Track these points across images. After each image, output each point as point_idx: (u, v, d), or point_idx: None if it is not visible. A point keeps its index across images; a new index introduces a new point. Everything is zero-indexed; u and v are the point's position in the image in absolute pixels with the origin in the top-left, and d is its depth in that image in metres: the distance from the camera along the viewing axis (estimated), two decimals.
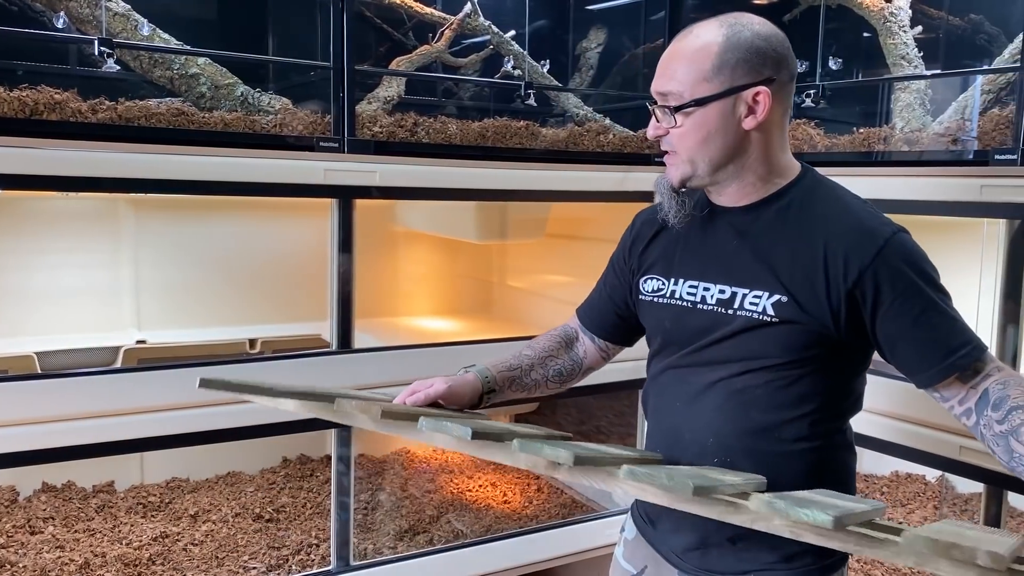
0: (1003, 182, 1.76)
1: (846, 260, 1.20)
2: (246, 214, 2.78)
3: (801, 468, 1.26)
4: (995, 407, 1.14)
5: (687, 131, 1.24)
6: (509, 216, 2.77)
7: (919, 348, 1.20)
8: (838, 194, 1.29)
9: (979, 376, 1.18)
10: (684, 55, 1.24)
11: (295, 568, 2.20)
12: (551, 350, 1.56)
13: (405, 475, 2.82)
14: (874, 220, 1.23)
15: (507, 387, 1.49)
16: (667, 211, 1.33)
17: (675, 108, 1.24)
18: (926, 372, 1.20)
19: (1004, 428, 1.12)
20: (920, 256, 1.22)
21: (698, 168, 1.26)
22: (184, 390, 1.97)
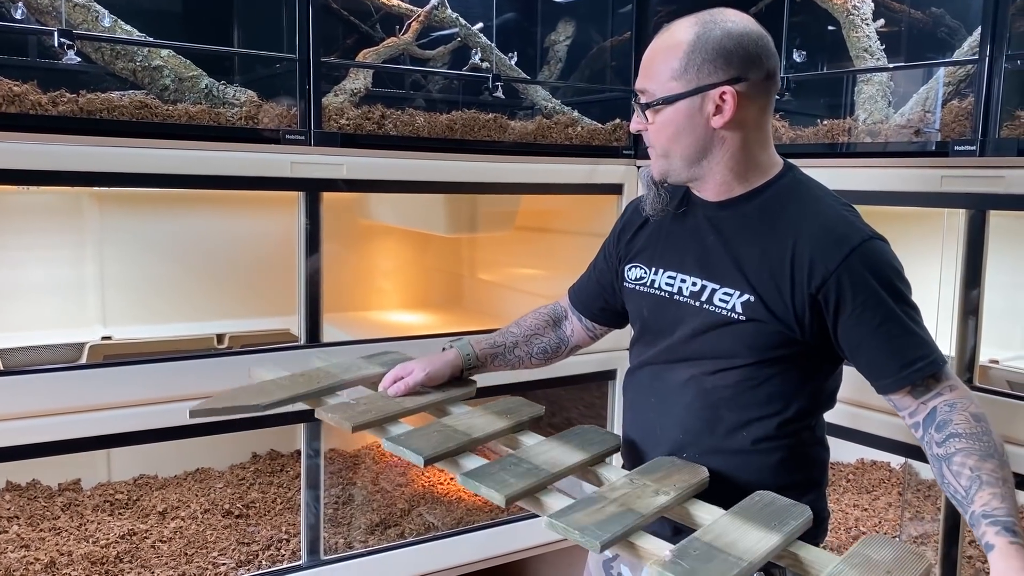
0: (962, 173, 1.80)
1: (811, 264, 1.21)
2: (213, 208, 2.75)
3: (769, 464, 1.29)
4: (938, 428, 1.16)
5: (659, 128, 1.28)
6: (479, 209, 2.77)
7: (876, 357, 1.21)
8: (816, 195, 1.29)
9: (930, 393, 1.19)
10: (658, 53, 1.27)
11: (265, 563, 2.19)
12: (537, 328, 1.60)
13: (376, 469, 2.81)
14: (846, 226, 1.24)
15: (490, 363, 1.57)
16: (647, 202, 1.38)
17: (645, 105, 1.27)
18: (881, 381, 1.22)
19: (941, 452, 1.14)
20: (887, 266, 1.22)
21: (673, 163, 1.29)
22: (151, 386, 1.96)
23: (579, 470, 1.31)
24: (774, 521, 1.13)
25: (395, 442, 1.33)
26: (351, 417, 1.41)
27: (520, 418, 1.45)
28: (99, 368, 1.98)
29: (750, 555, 1.04)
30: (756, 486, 1.27)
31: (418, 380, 1.50)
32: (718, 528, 1.11)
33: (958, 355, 1.91)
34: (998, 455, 1.11)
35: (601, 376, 2.59)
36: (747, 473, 1.29)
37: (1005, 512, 1.04)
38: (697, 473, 1.26)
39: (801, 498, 1.31)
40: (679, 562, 1.01)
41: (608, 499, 1.17)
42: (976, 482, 1.08)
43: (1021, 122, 1.76)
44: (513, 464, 1.26)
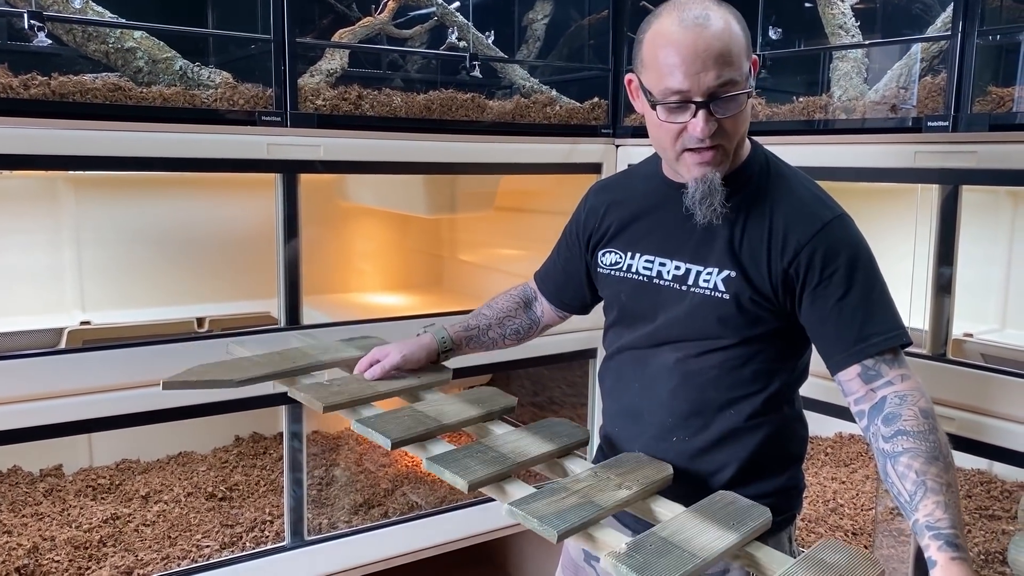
0: (935, 148, 1.81)
1: (786, 237, 1.22)
2: (191, 192, 2.73)
3: (755, 442, 1.30)
4: (886, 421, 1.14)
5: (743, 118, 1.22)
6: (458, 190, 2.77)
7: (833, 331, 1.20)
8: (786, 173, 1.31)
9: (882, 380, 1.17)
10: (729, 41, 1.17)
11: (249, 545, 2.20)
12: (509, 310, 1.61)
13: (360, 450, 2.83)
14: (818, 203, 1.25)
15: (465, 345, 1.57)
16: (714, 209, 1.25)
17: (749, 94, 1.20)
18: (834, 357, 1.21)
19: (887, 448, 1.12)
20: (855, 243, 1.22)
21: (731, 153, 1.25)
22: (131, 370, 1.95)
23: (545, 460, 1.32)
24: (733, 521, 1.14)
25: (364, 424, 1.35)
26: (323, 397, 1.42)
27: (492, 408, 1.46)
28: (78, 353, 1.97)
29: (705, 552, 1.05)
30: (744, 464, 1.29)
31: (394, 363, 1.51)
32: (676, 524, 1.13)
33: (932, 329, 1.94)
34: (943, 457, 1.09)
35: (582, 355, 2.61)
36: (735, 451, 1.30)
37: (948, 524, 1.02)
38: (662, 470, 1.28)
39: (783, 472, 1.34)
40: (634, 555, 1.02)
41: (570, 490, 1.18)
42: (921, 488, 1.06)
43: (993, 97, 1.78)
44: (480, 452, 1.27)
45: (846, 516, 2.36)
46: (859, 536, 2.26)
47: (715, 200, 1.24)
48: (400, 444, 1.32)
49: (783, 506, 1.32)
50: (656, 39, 1.19)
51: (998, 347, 2.36)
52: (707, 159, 1.22)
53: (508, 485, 1.22)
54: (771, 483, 1.31)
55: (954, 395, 1.83)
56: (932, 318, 1.94)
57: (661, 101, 1.19)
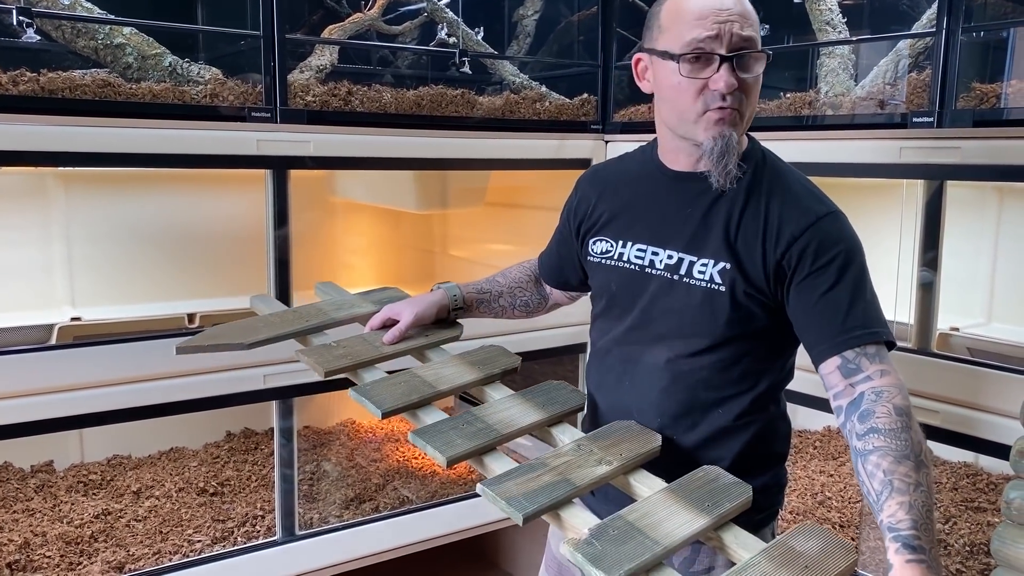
0: (920, 144, 1.83)
1: (780, 230, 1.23)
2: (181, 187, 2.73)
3: (743, 441, 1.31)
4: (861, 418, 1.13)
5: (759, 86, 1.27)
6: (449, 185, 2.77)
7: (816, 322, 1.21)
8: (785, 170, 1.32)
9: (861, 375, 1.16)
10: (749, 6, 1.24)
11: (240, 540, 2.21)
12: (521, 282, 1.63)
13: (351, 445, 2.83)
14: (813, 198, 1.27)
15: (476, 307, 1.59)
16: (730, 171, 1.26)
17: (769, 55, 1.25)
18: (816, 348, 1.21)
19: (860, 446, 1.12)
20: (846, 239, 1.23)
21: (745, 123, 1.28)
22: (122, 366, 1.96)
23: (533, 430, 1.32)
24: (708, 502, 1.13)
25: (360, 392, 1.34)
26: (325, 362, 1.42)
27: (492, 370, 1.45)
28: (69, 349, 1.98)
29: (668, 539, 1.04)
30: (731, 462, 1.30)
31: (408, 323, 1.52)
32: (648, 506, 1.12)
33: (917, 323, 1.96)
34: (914, 456, 1.08)
35: (572, 350, 2.62)
36: (723, 450, 1.31)
37: (908, 525, 1.01)
38: (649, 441, 1.27)
39: (768, 470, 1.35)
40: (593, 542, 1.02)
41: (548, 467, 1.18)
42: (888, 488, 1.06)
43: (977, 94, 1.80)
44: (466, 423, 1.27)
45: (833, 509, 2.38)
46: (846, 528, 2.28)
47: (730, 160, 1.25)
48: (391, 413, 1.31)
49: (766, 503, 1.33)
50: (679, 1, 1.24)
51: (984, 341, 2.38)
52: (726, 116, 1.23)
53: (490, 459, 1.22)
54: (756, 481, 1.32)
55: (939, 388, 1.85)
56: (917, 312, 1.96)
57: (687, 52, 1.21)
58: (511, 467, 1.19)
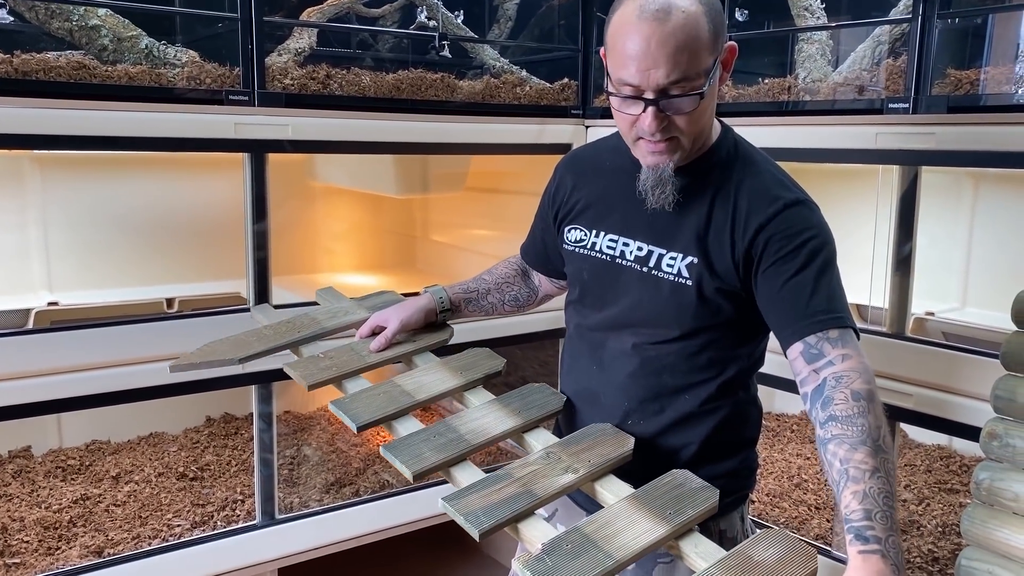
0: (896, 130, 1.84)
1: (747, 219, 1.23)
2: (159, 171, 2.71)
3: (710, 426, 1.32)
4: (823, 405, 1.13)
5: (703, 110, 1.20)
6: (429, 170, 2.77)
7: (781, 308, 1.21)
8: (753, 157, 1.31)
9: (824, 360, 1.15)
10: (689, 36, 1.13)
11: (220, 524, 2.21)
12: (508, 277, 1.63)
13: (332, 430, 2.84)
14: (780, 187, 1.25)
15: (464, 307, 1.60)
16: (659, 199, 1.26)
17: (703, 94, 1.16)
18: (783, 332, 1.21)
19: (821, 434, 1.12)
20: (813, 226, 1.22)
21: (684, 145, 1.23)
22: (100, 349, 1.95)
23: (506, 438, 1.33)
24: (671, 509, 1.13)
25: (338, 406, 1.37)
26: (309, 375, 1.44)
27: (474, 375, 1.46)
28: (47, 333, 1.96)
29: (623, 551, 1.05)
30: (698, 447, 1.31)
31: (395, 330, 1.53)
32: (609, 515, 1.12)
33: (892, 308, 1.98)
34: (871, 441, 1.07)
35: (552, 335, 2.63)
36: (689, 435, 1.32)
37: (860, 516, 1.00)
38: (621, 446, 1.27)
39: (736, 455, 1.36)
40: (544, 559, 1.02)
41: (513, 477, 1.18)
42: (844, 477, 1.05)
43: (951, 80, 1.81)
44: (438, 434, 1.28)
45: (809, 491, 2.41)
46: (822, 510, 2.31)
47: (665, 189, 1.24)
48: (368, 426, 1.33)
49: (735, 487, 1.35)
50: (617, 26, 1.17)
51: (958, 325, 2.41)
52: (660, 149, 1.22)
53: (458, 471, 1.23)
54: (724, 465, 1.33)
55: (913, 372, 1.87)
56: (891, 297, 1.98)
57: (615, 92, 1.19)
58: (478, 478, 1.19)
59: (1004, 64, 1.80)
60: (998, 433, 1.55)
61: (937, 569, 1.99)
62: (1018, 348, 1.55)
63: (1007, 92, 1.76)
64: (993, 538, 1.51)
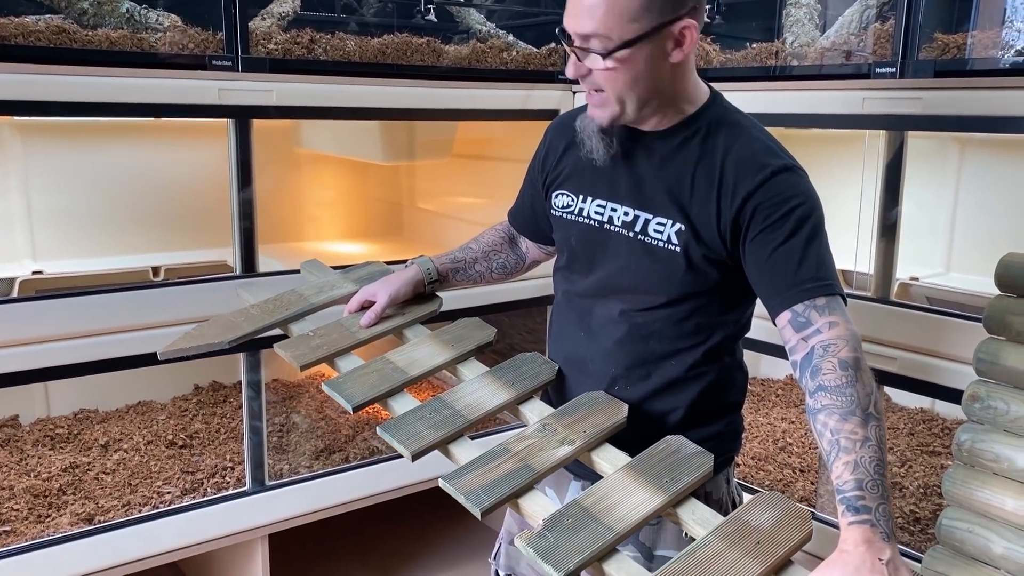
0: (882, 95, 1.84)
1: (735, 187, 1.22)
2: (144, 138, 2.68)
3: (695, 391, 1.32)
4: (812, 375, 1.13)
5: (616, 74, 1.20)
6: (415, 137, 2.75)
7: (769, 277, 1.21)
8: (741, 123, 1.30)
9: (811, 328, 1.15)
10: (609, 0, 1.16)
11: (210, 491, 2.22)
12: (495, 245, 1.61)
13: (321, 398, 2.84)
14: (768, 153, 1.24)
15: (452, 277, 1.58)
16: (593, 150, 1.31)
17: (604, 53, 1.18)
18: (770, 303, 1.21)
19: (810, 403, 1.12)
20: (800, 193, 1.21)
21: (627, 108, 1.24)
22: (87, 318, 1.94)
23: (501, 411, 1.33)
24: (667, 477, 1.14)
25: (332, 387, 1.36)
26: (301, 355, 1.43)
27: (466, 347, 1.46)
28: (32, 301, 1.95)
29: (622, 523, 1.06)
30: (684, 412, 1.32)
31: (384, 304, 1.52)
32: (607, 486, 1.13)
33: (877, 273, 1.99)
34: (861, 410, 1.07)
35: (540, 301, 2.63)
36: (675, 400, 1.33)
37: (852, 486, 1.01)
38: (616, 414, 1.28)
39: (721, 419, 1.37)
40: (546, 534, 1.04)
41: (510, 452, 1.19)
42: (835, 448, 1.06)
43: (938, 44, 1.81)
44: (433, 411, 1.28)
45: (794, 454, 2.44)
46: (806, 473, 2.34)
47: (591, 142, 1.30)
48: (363, 406, 1.33)
49: (721, 450, 1.35)
50: None
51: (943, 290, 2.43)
52: (592, 102, 1.27)
53: (456, 447, 1.24)
54: (710, 429, 1.34)
55: (897, 336, 1.89)
56: (877, 262, 1.99)
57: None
58: (476, 454, 1.19)
59: (991, 28, 1.80)
60: (980, 395, 1.57)
61: (918, 529, 2.02)
62: (1001, 311, 1.57)
63: (993, 56, 1.76)
64: (974, 498, 1.54)
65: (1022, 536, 1.46)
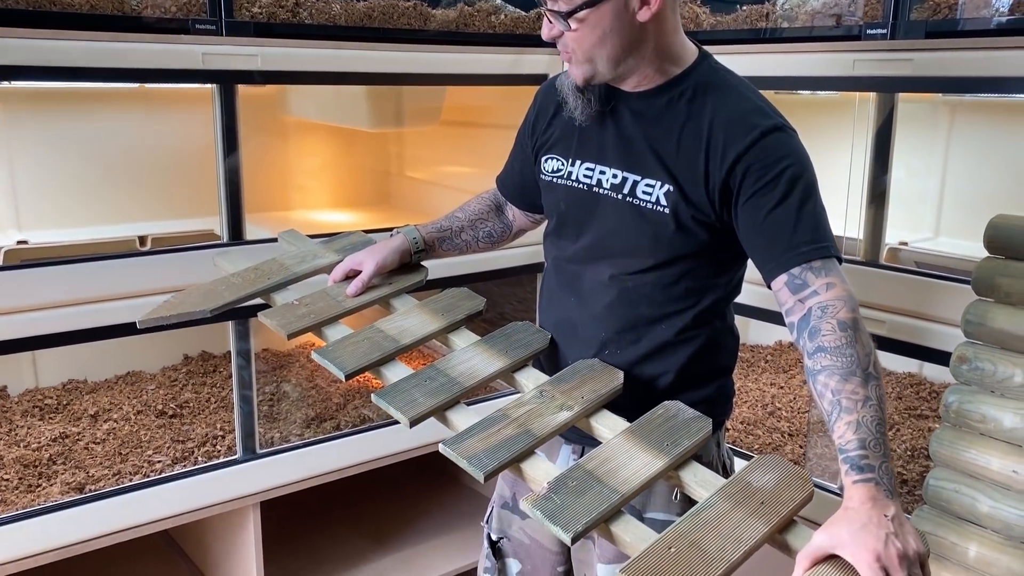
0: (874, 56, 1.83)
1: (724, 149, 1.21)
2: (129, 106, 2.65)
3: (685, 355, 1.33)
4: (810, 336, 1.13)
5: (583, 34, 1.22)
6: (403, 103, 2.72)
7: (764, 241, 1.21)
8: (731, 84, 1.29)
9: (808, 290, 1.16)
10: None
11: (201, 459, 2.22)
12: (481, 213, 1.61)
13: (311, 367, 2.84)
14: (758, 114, 1.23)
15: (438, 247, 1.58)
16: (573, 109, 1.32)
17: (566, 15, 1.20)
18: (767, 266, 1.21)
19: (810, 365, 1.13)
20: (792, 153, 1.21)
21: (598, 67, 1.25)
22: (73, 286, 1.92)
23: (496, 379, 1.33)
24: (668, 441, 1.15)
25: (322, 355, 1.35)
26: (287, 324, 1.41)
27: (456, 316, 1.45)
28: (18, 270, 1.93)
29: (627, 485, 1.06)
30: (674, 376, 1.32)
31: (371, 272, 1.50)
32: (609, 450, 1.14)
33: (865, 238, 2.00)
34: (861, 370, 1.08)
35: (530, 269, 2.63)
36: (665, 364, 1.33)
37: (855, 446, 1.02)
38: (612, 380, 1.28)
39: (713, 382, 1.38)
40: (552, 497, 1.04)
41: (509, 418, 1.19)
42: (836, 408, 1.07)
43: (930, 4, 1.79)
44: (428, 378, 1.28)
45: (783, 419, 2.46)
46: (795, 437, 2.36)
47: (571, 99, 1.32)
48: (355, 374, 1.32)
49: (712, 414, 1.35)
50: None
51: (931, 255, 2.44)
52: (565, 59, 1.29)
53: (453, 414, 1.24)
54: (701, 393, 1.35)
55: (886, 299, 1.89)
56: (866, 226, 1.99)
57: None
58: (474, 421, 1.19)
59: None
60: (968, 357, 1.58)
61: (906, 491, 2.05)
62: (989, 273, 1.58)
63: (985, 16, 1.74)
64: (960, 459, 1.56)
65: (1007, 495, 1.48)
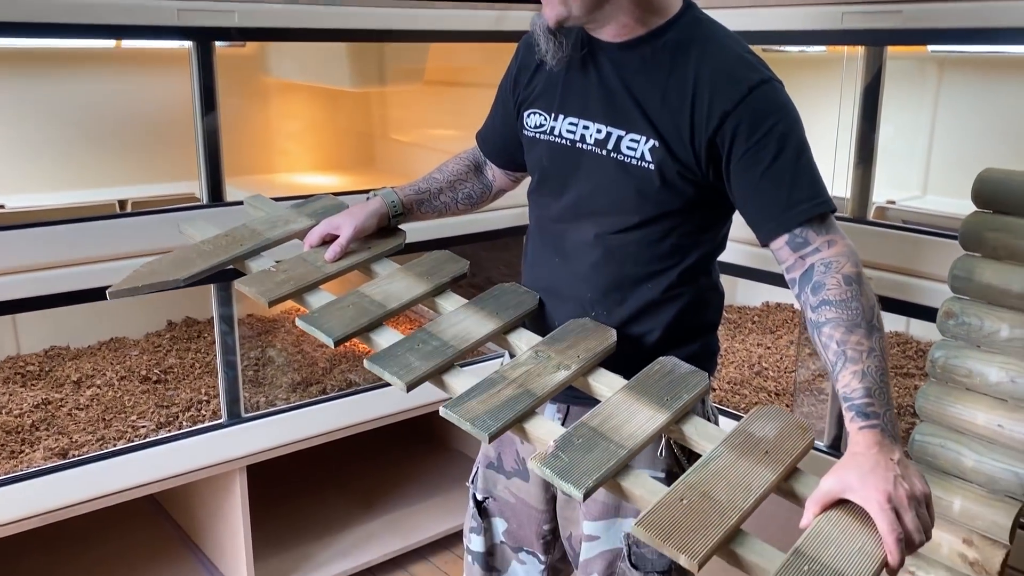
0: (862, 8, 1.80)
1: (711, 105, 1.18)
2: (107, 68, 2.60)
3: (671, 313, 1.31)
4: (813, 290, 1.14)
5: None
6: (386, 61, 2.68)
7: (760, 201, 1.19)
8: (716, 36, 1.25)
9: (810, 247, 1.16)
10: None
11: (186, 424, 2.20)
12: (460, 174, 1.57)
13: (296, 332, 2.82)
14: (745, 67, 1.20)
15: (416, 209, 1.53)
16: (544, 52, 1.29)
17: None
18: (763, 228, 1.20)
19: (814, 318, 1.13)
20: (783, 108, 1.19)
21: (572, 8, 1.21)
22: (53, 249, 1.89)
23: (489, 340, 1.31)
24: (667, 395, 1.15)
25: (307, 321, 1.31)
26: (267, 291, 1.37)
27: (441, 279, 1.42)
28: None
29: (632, 440, 1.06)
30: (660, 334, 1.31)
31: (349, 237, 1.46)
32: (610, 407, 1.13)
33: (853, 197, 1.98)
34: (866, 323, 1.09)
35: (515, 232, 2.60)
36: (651, 323, 1.32)
37: (861, 394, 1.04)
38: (605, 338, 1.27)
39: (698, 339, 1.36)
40: (560, 455, 1.03)
41: (507, 379, 1.18)
42: (841, 359, 1.08)
43: None
44: (421, 342, 1.25)
45: (770, 379, 2.47)
46: (781, 396, 2.37)
47: (540, 42, 1.28)
48: (344, 340, 1.29)
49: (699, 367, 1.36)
50: None
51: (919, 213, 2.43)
52: (543, 1, 1.24)
53: (450, 377, 1.22)
54: (686, 349, 1.33)
55: (873, 256, 1.89)
56: (854, 185, 1.98)
57: None
58: (471, 384, 1.18)
59: None
60: (955, 312, 1.57)
61: None
62: (977, 227, 1.57)
63: None
64: (946, 414, 1.56)
65: (992, 449, 1.49)
